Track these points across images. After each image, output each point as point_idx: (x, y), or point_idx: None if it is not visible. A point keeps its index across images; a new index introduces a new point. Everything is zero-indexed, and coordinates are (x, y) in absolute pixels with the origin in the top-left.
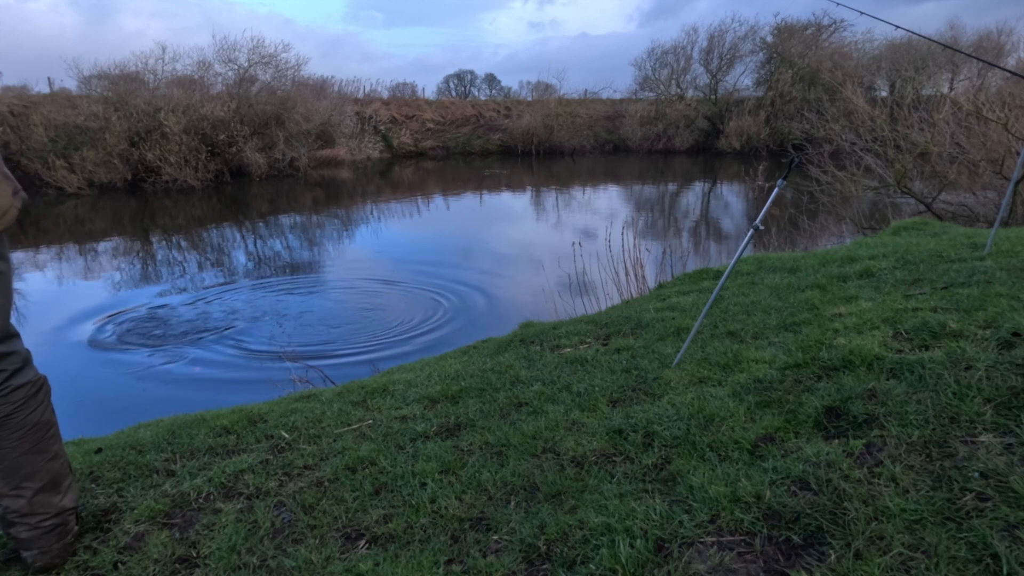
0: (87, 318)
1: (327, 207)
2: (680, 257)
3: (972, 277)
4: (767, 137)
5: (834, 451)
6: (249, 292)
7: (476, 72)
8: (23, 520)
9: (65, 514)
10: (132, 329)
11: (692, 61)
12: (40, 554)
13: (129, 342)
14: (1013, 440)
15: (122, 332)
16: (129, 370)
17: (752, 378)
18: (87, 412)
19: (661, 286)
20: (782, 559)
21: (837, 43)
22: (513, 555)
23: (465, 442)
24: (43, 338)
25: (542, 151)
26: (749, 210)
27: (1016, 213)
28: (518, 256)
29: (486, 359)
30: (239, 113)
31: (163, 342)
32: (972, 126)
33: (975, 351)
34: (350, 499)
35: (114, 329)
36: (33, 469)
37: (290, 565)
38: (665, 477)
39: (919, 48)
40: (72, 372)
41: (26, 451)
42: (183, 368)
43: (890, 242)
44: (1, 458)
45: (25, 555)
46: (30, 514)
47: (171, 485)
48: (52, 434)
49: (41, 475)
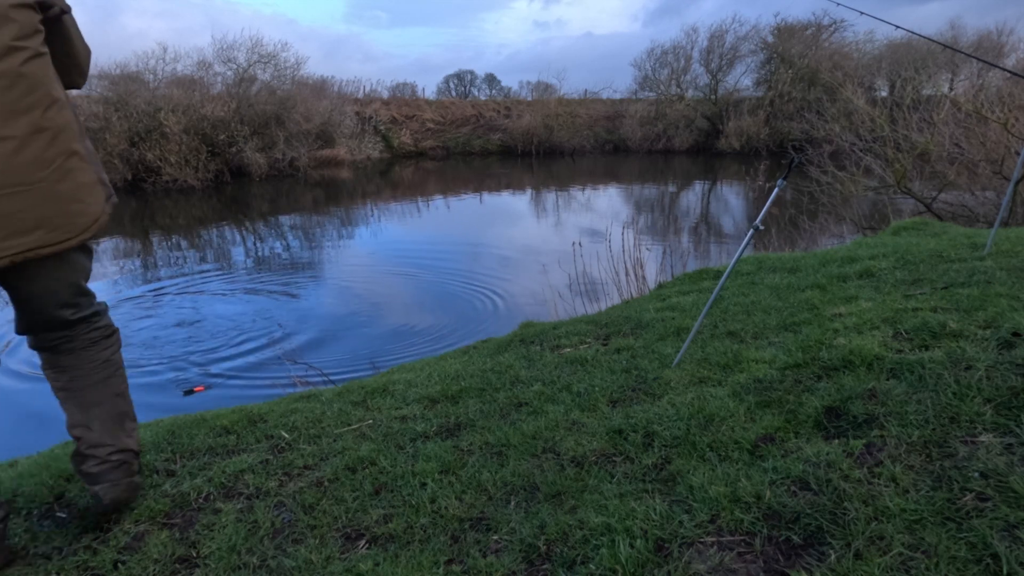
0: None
1: (327, 207)
2: (680, 257)
3: (972, 277)
4: (767, 137)
5: (834, 451)
6: (246, 292)
7: (476, 72)
8: (93, 451)
9: (129, 453)
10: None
11: (692, 61)
12: (110, 487)
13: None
14: (1013, 440)
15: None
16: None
17: (752, 378)
18: None
19: (661, 286)
20: (782, 559)
21: (837, 43)
22: (513, 555)
23: (465, 442)
24: None
25: (542, 151)
26: (749, 210)
27: (1016, 213)
28: (518, 256)
29: (486, 359)
30: (239, 113)
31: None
32: (972, 126)
33: (975, 351)
34: (350, 499)
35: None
36: (102, 400)
37: (290, 565)
38: (665, 477)
39: (919, 48)
40: None
41: (97, 383)
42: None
43: (890, 242)
44: (77, 389)
45: (96, 489)
46: (99, 445)
47: (171, 485)
48: (120, 375)
49: (109, 409)
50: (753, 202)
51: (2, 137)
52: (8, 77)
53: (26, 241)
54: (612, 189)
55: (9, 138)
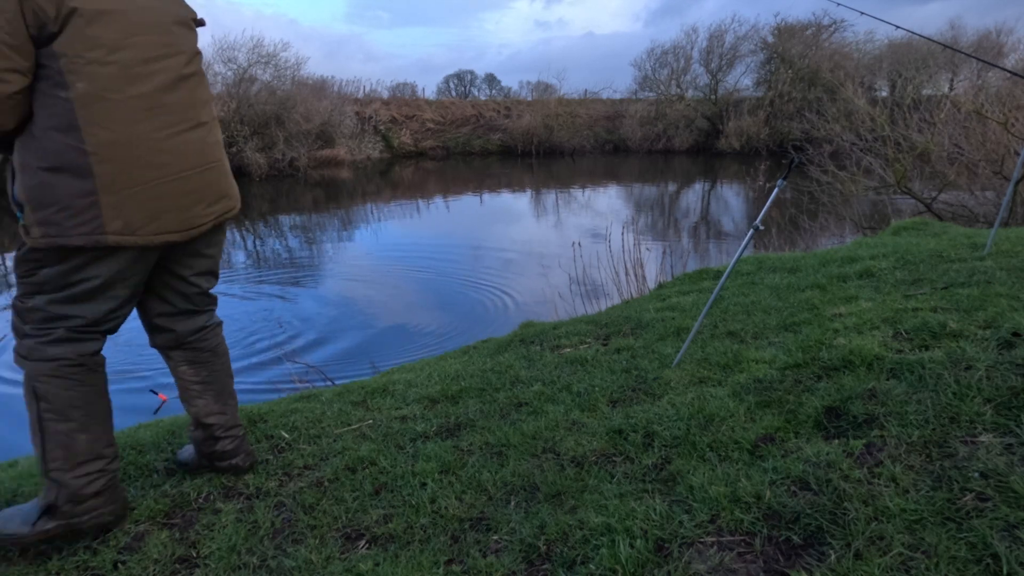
0: None
1: (327, 207)
2: (680, 257)
3: (972, 277)
4: (767, 137)
5: (834, 451)
6: (244, 292)
7: (476, 72)
8: (229, 432)
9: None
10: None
11: (692, 61)
12: (246, 456)
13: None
14: (1013, 440)
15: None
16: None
17: (752, 378)
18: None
19: (661, 286)
20: (782, 559)
21: (837, 43)
22: (513, 555)
23: (465, 442)
24: None
25: (542, 151)
26: (749, 210)
27: (1016, 213)
28: (518, 256)
29: (486, 359)
30: (239, 113)
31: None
32: (972, 126)
33: (975, 351)
34: (350, 499)
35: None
36: (229, 385)
37: (290, 565)
38: (665, 477)
39: (920, 48)
40: None
41: (226, 369)
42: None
43: (890, 242)
44: (215, 381)
45: (235, 461)
46: (232, 425)
47: (171, 485)
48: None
49: (232, 391)
50: (753, 202)
51: (202, 123)
52: (200, 75)
53: (221, 207)
54: (612, 189)
55: (205, 124)
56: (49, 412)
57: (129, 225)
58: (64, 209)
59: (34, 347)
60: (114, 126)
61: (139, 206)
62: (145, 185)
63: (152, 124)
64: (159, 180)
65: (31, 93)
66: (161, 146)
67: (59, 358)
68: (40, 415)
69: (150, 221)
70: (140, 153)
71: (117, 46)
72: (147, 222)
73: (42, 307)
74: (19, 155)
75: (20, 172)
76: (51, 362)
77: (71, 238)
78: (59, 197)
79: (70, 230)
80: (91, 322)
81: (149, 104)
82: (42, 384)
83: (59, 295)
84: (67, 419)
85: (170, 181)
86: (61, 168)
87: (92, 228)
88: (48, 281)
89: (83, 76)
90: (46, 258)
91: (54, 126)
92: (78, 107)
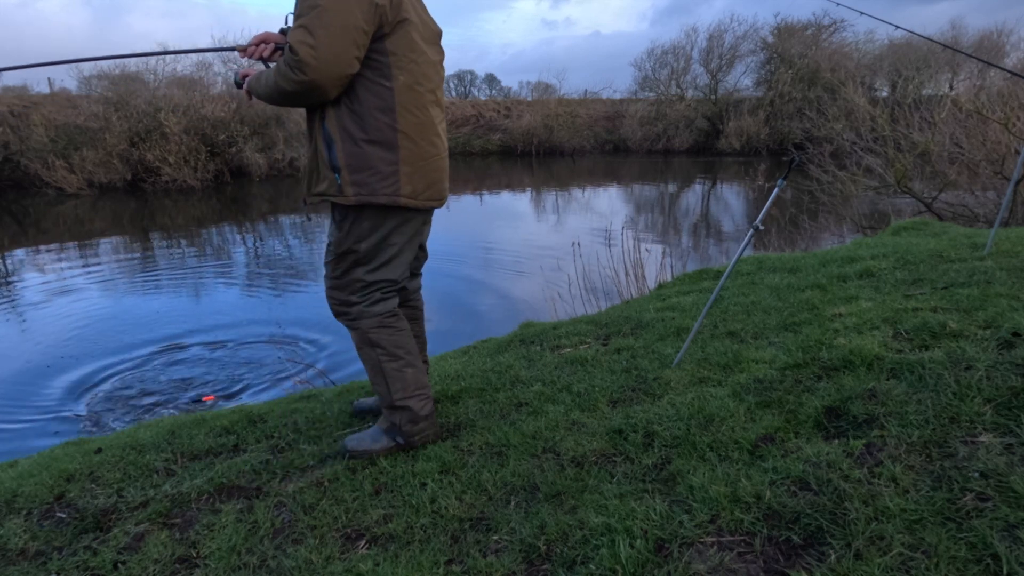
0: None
1: (327, 207)
2: (680, 257)
3: (972, 277)
4: (767, 137)
5: (834, 451)
6: (246, 293)
7: (477, 72)
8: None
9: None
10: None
11: (692, 61)
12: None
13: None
14: (1013, 440)
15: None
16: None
17: (752, 378)
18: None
19: (661, 286)
20: (782, 559)
21: (838, 43)
22: (513, 555)
23: (465, 442)
24: (47, 338)
25: (542, 151)
26: (749, 210)
27: (1016, 213)
28: (518, 256)
29: (486, 359)
30: (239, 113)
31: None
32: (972, 126)
33: (975, 351)
34: (350, 499)
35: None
36: (425, 350)
37: (290, 565)
38: (665, 477)
39: (920, 48)
40: (73, 372)
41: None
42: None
43: (890, 242)
44: (415, 352)
45: (415, 439)
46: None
47: (171, 485)
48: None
49: (426, 356)
50: (753, 202)
51: (443, 119)
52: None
53: (448, 187)
54: (612, 189)
55: (443, 120)
56: (384, 355)
57: (415, 191)
58: (376, 174)
59: (362, 310)
60: (417, 112)
61: (422, 177)
62: (427, 160)
63: (434, 113)
64: (435, 157)
65: (356, 78)
66: (437, 130)
67: (381, 313)
68: (379, 360)
69: (426, 189)
70: (428, 134)
71: (421, 50)
72: (424, 190)
73: (362, 277)
74: (342, 129)
75: (342, 141)
76: (376, 317)
77: (378, 197)
78: (372, 163)
79: (378, 191)
80: (393, 282)
81: (434, 97)
82: (375, 334)
83: (371, 265)
84: (397, 358)
85: (440, 159)
86: (377, 141)
87: (393, 191)
88: (366, 254)
89: (404, 71)
90: (355, 226)
91: (378, 107)
92: (397, 94)
